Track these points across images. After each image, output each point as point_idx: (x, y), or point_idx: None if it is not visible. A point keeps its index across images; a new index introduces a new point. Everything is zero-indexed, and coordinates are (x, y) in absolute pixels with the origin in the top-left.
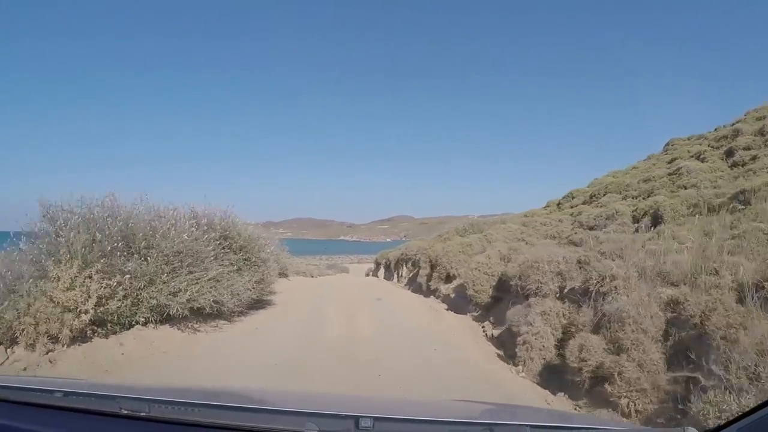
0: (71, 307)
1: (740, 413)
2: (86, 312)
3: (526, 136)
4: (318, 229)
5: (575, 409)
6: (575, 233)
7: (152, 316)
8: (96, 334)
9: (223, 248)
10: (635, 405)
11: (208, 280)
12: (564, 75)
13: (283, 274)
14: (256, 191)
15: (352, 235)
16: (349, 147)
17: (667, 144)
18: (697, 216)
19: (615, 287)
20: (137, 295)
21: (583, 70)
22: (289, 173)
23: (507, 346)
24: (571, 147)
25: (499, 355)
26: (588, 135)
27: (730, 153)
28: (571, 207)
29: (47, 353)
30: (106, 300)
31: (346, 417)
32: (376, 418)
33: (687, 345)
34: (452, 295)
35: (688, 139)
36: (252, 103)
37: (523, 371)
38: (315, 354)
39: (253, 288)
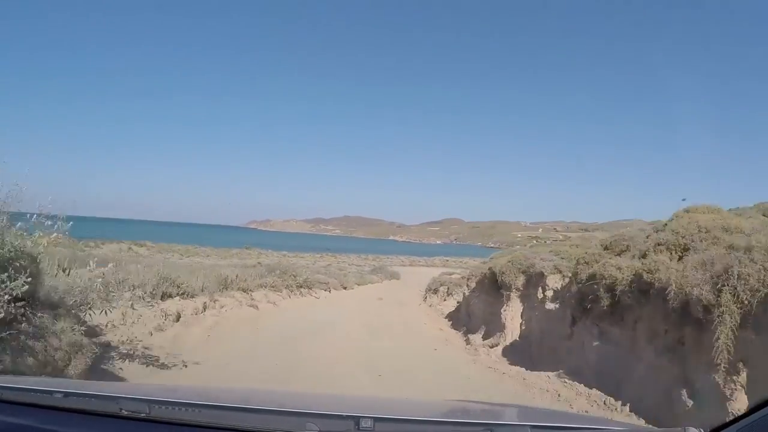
0: None
1: (741, 413)
2: None
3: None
4: (367, 227)
5: None
6: None
7: None
8: None
9: None
10: None
11: None
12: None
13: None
14: (306, 189)
15: (401, 235)
16: (400, 147)
17: None
18: None
19: None
20: None
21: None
22: (340, 171)
23: None
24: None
25: None
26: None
27: None
28: None
29: None
30: None
31: (347, 417)
32: (376, 419)
33: None
34: None
35: None
36: (303, 101)
37: None
38: None
39: None
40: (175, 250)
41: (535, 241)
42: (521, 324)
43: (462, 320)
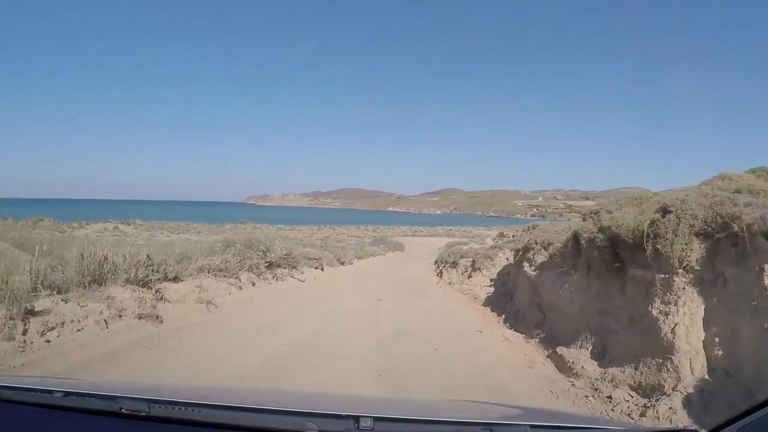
0: None
1: (741, 412)
2: None
3: (579, 116)
4: (367, 199)
5: None
6: None
7: None
8: None
9: None
10: None
11: None
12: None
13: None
14: (304, 162)
15: (401, 206)
16: (401, 118)
17: None
18: None
19: None
20: None
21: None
22: (338, 144)
23: None
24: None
25: None
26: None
27: None
28: None
29: None
30: None
31: (347, 417)
32: (376, 418)
33: None
34: None
35: None
36: (304, 75)
37: None
38: None
39: None
40: (166, 227)
41: (536, 210)
42: (712, 343)
43: (523, 316)
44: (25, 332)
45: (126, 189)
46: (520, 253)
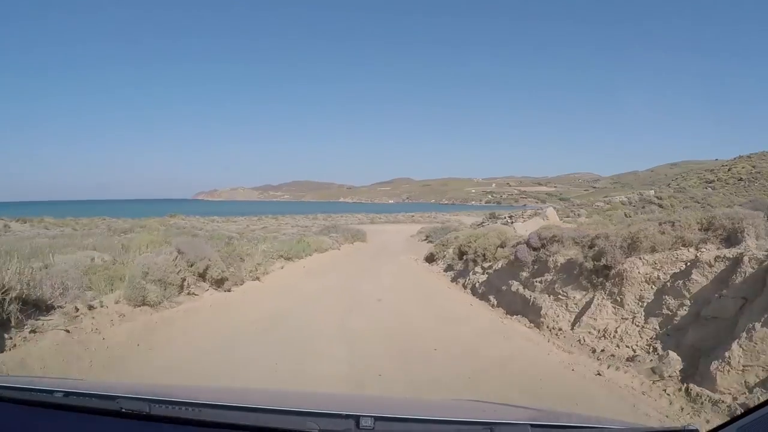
0: None
1: (741, 412)
2: None
3: (529, 102)
4: (317, 191)
5: None
6: None
7: None
8: None
9: None
10: None
11: None
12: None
13: None
14: (254, 156)
15: (352, 197)
16: (349, 110)
17: None
18: None
19: None
20: None
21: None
22: (287, 137)
23: None
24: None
25: None
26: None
27: None
28: None
29: None
30: None
31: (347, 416)
32: (376, 418)
33: None
34: None
35: None
36: (249, 70)
37: None
38: None
39: None
40: (70, 224)
41: (490, 196)
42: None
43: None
44: None
45: (67, 190)
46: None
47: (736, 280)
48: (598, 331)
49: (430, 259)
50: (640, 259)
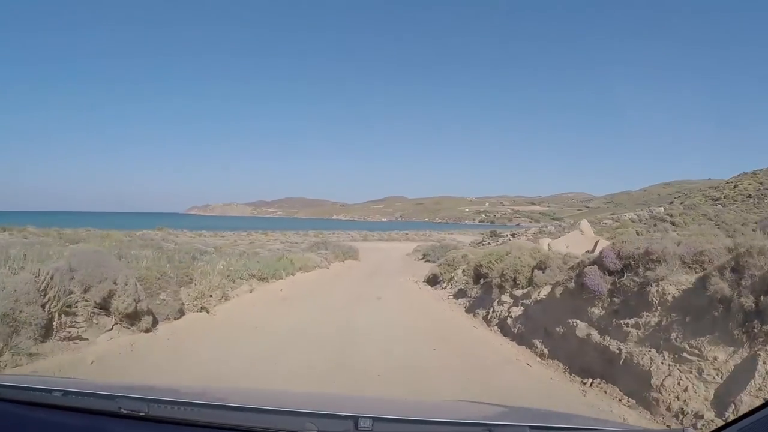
0: None
1: (742, 414)
2: None
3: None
4: (310, 208)
5: None
6: None
7: None
8: None
9: None
10: None
11: None
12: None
13: None
14: (248, 172)
15: (345, 214)
16: (341, 127)
17: None
18: None
19: None
20: None
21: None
22: (281, 153)
23: None
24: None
25: None
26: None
27: None
28: None
29: None
30: None
31: (346, 417)
32: (375, 419)
33: None
34: None
35: None
36: (244, 85)
37: None
38: None
39: None
40: (52, 234)
41: (484, 216)
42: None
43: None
44: None
45: (69, 201)
46: None
47: None
48: None
49: (433, 281)
50: None
